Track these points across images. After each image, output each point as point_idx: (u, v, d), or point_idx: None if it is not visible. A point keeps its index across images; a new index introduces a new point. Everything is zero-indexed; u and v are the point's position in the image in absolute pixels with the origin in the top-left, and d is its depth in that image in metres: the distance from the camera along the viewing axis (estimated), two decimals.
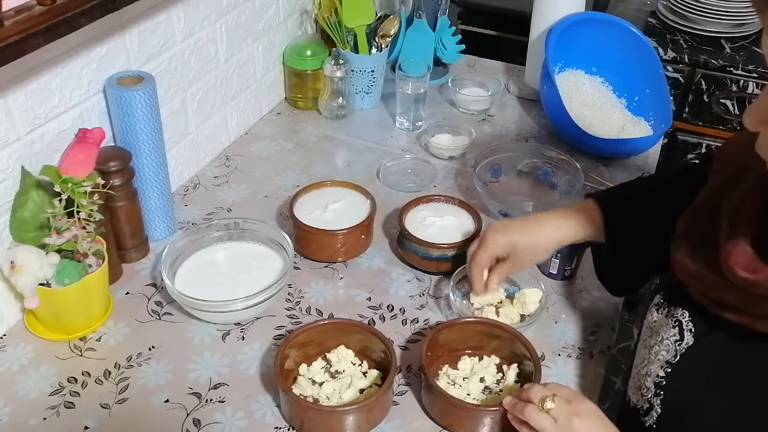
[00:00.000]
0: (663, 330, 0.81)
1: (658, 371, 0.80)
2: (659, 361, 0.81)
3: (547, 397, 0.82)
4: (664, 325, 0.81)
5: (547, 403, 0.81)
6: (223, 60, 1.36)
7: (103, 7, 0.91)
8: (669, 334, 0.80)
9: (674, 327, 0.80)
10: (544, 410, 0.81)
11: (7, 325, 1.03)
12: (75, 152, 0.99)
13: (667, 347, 0.80)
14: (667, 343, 0.80)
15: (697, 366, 0.77)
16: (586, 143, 1.44)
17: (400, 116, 1.54)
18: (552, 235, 1.03)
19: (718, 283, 0.73)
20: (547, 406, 0.81)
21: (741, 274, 0.70)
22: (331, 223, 1.16)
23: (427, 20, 1.62)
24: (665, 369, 0.79)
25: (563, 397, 0.82)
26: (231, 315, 1.04)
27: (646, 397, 0.82)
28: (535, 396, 0.83)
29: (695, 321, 0.78)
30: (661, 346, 0.81)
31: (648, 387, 0.81)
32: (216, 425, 0.92)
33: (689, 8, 2.00)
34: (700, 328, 0.77)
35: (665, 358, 0.80)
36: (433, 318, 1.09)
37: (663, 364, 0.80)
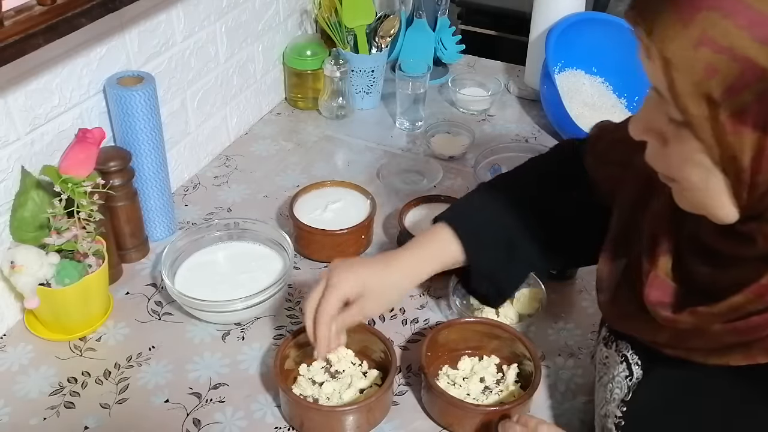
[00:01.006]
0: (612, 366, 0.78)
1: (616, 411, 0.77)
2: (615, 400, 0.77)
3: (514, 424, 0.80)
4: (612, 361, 0.79)
5: None
6: (223, 60, 1.36)
7: (103, 7, 0.92)
8: (619, 371, 0.77)
9: (621, 362, 0.77)
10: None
11: (7, 325, 1.03)
12: (75, 152, 0.99)
13: (620, 384, 0.77)
14: (619, 380, 0.77)
15: (650, 399, 0.74)
16: None
17: (400, 116, 1.54)
18: (404, 272, 0.92)
19: (647, 323, 0.71)
20: None
21: (663, 314, 0.68)
22: (331, 223, 1.16)
23: (427, 20, 1.62)
24: (621, 408, 0.76)
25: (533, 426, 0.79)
26: (231, 315, 1.04)
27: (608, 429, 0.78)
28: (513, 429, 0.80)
29: (639, 354, 0.75)
30: (614, 384, 0.78)
31: (610, 429, 0.78)
32: (216, 425, 0.92)
33: None
34: (645, 361, 0.75)
35: (620, 397, 0.76)
36: (433, 318, 1.09)
37: (618, 403, 0.77)
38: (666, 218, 0.70)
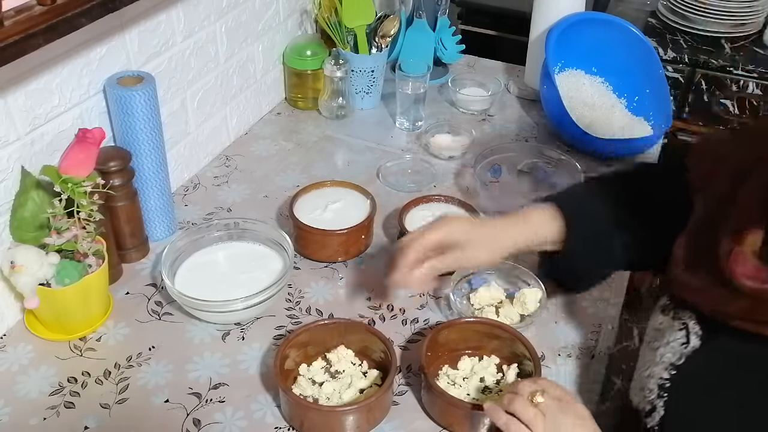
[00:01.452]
0: (669, 333, 0.81)
1: (662, 373, 0.79)
2: (664, 363, 0.80)
3: (537, 392, 0.81)
4: (669, 328, 0.81)
5: (537, 397, 0.81)
6: (223, 60, 1.36)
7: (103, 7, 0.91)
8: (675, 337, 0.79)
9: (680, 330, 0.79)
10: (533, 404, 0.81)
11: (7, 325, 1.03)
12: (75, 152, 0.99)
13: (673, 350, 0.79)
14: (673, 346, 0.79)
15: (702, 369, 0.76)
16: (586, 143, 1.44)
17: (400, 116, 1.54)
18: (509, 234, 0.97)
19: (723, 296, 0.73)
20: (537, 399, 0.81)
21: (748, 284, 0.70)
22: (331, 223, 1.16)
23: (427, 20, 1.62)
24: (670, 371, 0.79)
25: (554, 395, 0.82)
26: (231, 315, 1.04)
27: (649, 398, 0.81)
28: (525, 390, 0.82)
29: (702, 325, 0.78)
30: (666, 349, 0.80)
31: (651, 389, 0.80)
32: (216, 425, 0.92)
33: (689, 8, 2.00)
34: (707, 331, 0.77)
35: (670, 361, 0.79)
36: (433, 318, 1.09)
37: (667, 366, 0.79)
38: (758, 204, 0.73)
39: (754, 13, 1.99)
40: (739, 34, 2.01)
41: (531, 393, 0.81)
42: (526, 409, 0.81)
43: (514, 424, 0.81)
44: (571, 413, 0.80)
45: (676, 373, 0.78)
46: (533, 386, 0.82)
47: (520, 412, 0.81)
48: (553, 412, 0.80)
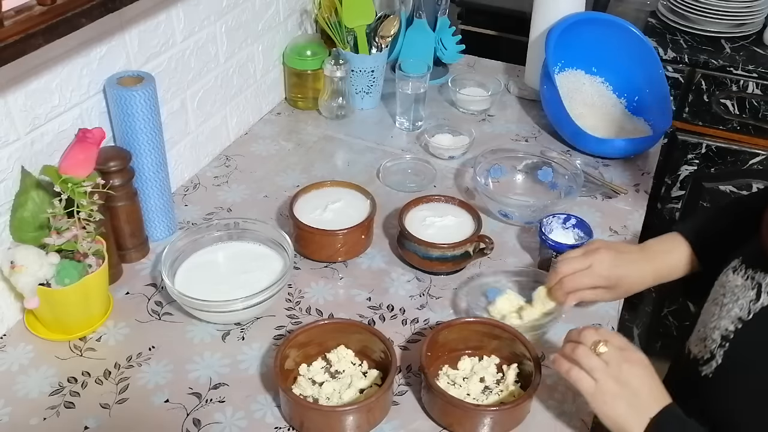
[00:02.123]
0: (740, 290, 0.85)
1: (728, 325, 0.85)
2: (731, 317, 0.85)
3: (600, 342, 0.83)
4: (741, 286, 0.86)
5: (600, 347, 0.83)
6: (223, 60, 1.36)
7: (103, 7, 0.91)
8: (746, 295, 0.84)
9: (753, 289, 0.84)
10: (596, 353, 0.83)
11: (7, 325, 1.03)
12: (75, 152, 0.99)
13: (742, 306, 0.84)
14: (742, 303, 0.84)
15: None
16: (586, 143, 1.44)
17: (400, 116, 1.54)
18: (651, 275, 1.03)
19: None
20: (600, 349, 0.83)
21: None
22: (331, 223, 1.16)
23: (427, 20, 1.62)
24: (736, 324, 0.84)
25: (616, 344, 0.84)
26: (231, 315, 1.04)
27: (710, 348, 0.86)
28: (588, 339, 0.84)
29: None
30: (735, 305, 0.85)
31: (714, 339, 0.86)
32: (216, 425, 0.92)
33: (689, 8, 2.00)
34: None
35: (738, 315, 0.84)
36: (433, 318, 1.09)
37: (734, 319, 0.84)
38: None
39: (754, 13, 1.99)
40: (739, 34, 2.00)
41: (594, 343, 0.83)
42: (589, 358, 0.83)
43: (575, 371, 0.84)
44: (635, 363, 0.83)
45: (741, 327, 0.83)
46: (596, 336, 0.84)
47: (583, 361, 0.84)
48: (617, 362, 0.82)
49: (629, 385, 0.82)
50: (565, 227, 1.19)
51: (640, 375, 0.82)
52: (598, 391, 0.83)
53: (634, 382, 0.82)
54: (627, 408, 0.81)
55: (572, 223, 1.19)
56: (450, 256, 1.13)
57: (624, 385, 0.82)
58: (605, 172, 1.42)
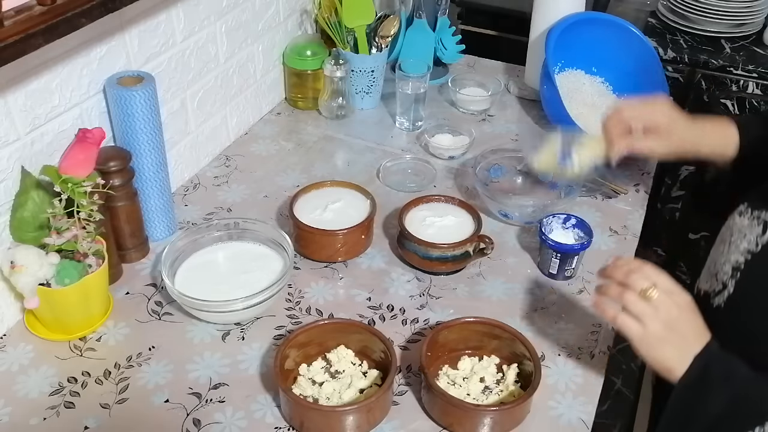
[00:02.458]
0: (746, 229, 0.91)
1: (738, 257, 0.90)
2: (740, 250, 0.90)
3: (649, 288, 0.83)
4: (748, 225, 0.91)
5: (650, 293, 0.82)
6: (223, 60, 1.36)
7: (103, 7, 0.91)
8: (753, 231, 0.90)
9: (759, 225, 0.89)
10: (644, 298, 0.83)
11: (7, 325, 1.03)
12: (75, 152, 0.99)
13: (750, 240, 0.90)
14: (750, 238, 0.90)
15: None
16: None
17: (400, 116, 1.54)
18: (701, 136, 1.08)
19: None
20: (651, 295, 0.82)
21: None
22: (331, 223, 1.16)
23: (427, 20, 1.62)
24: (745, 256, 0.89)
25: (664, 288, 0.84)
26: (231, 315, 1.04)
27: (721, 279, 0.91)
28: (637, 284, 0.84)
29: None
30: (743, 240, 0.91)
31: (725, 271, 0.91)
32: (216, 425, 0.92)
33: (689, 8, 2.00)
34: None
35: (746, 248, 0.90)
36: (433, 318, 1.09)
37: (744, 252, 0.90)
38: None
39: (754, 13, 1.99)
40: (739, 34, 2.01)
41: (643, 288, 0.83)
42: (638, 304, 0.83)
43: (622, 317, 0.84)
44: (683, 307, 0.84)
45: (750, 258, 0.88)
46: (645, 281, 0.84)
47: (631, 307, 0.83)
48: (667, 308, 0.82)
49: (677, 329, 0.83)
50: (565, 227, 1.19)
51: (688, 319, 0.84)
52: (645, 336, 0.83)
53: (682, 327, 0.83)
54: (673, 350, 0.83)
55: (572, 223, 1.19)
56: (450, 256, 1.13)
57: (672, 329, 0.83)
58: (605, 171, 1.41)
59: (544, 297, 1.13)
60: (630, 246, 1.24)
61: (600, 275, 0.89)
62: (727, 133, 1.07)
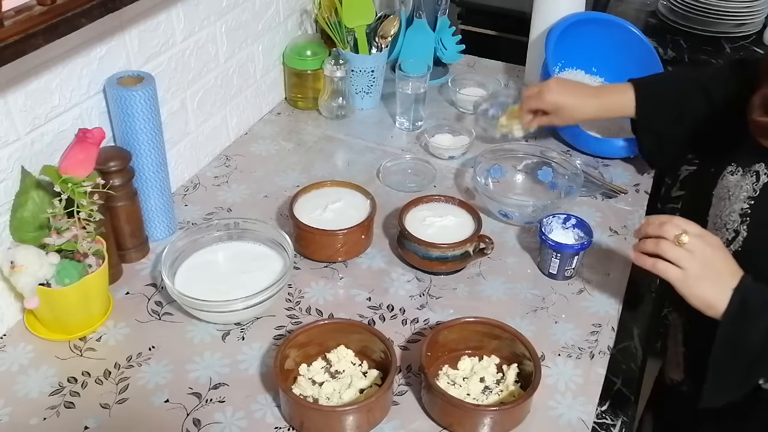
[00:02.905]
0: (741, 181, 0.97)
1: (742, 205, 0.96)
2: (740, 199, 0.97)
3: (680, 234, 0.90)
4: (740, 178, 0.98)
5: (683, 237, 0.89)
6: (223, 60, 1.36)
7: (103, 7, 0.92)
8: (747, 182, 0.96)
9: (752, 176, 0.96)
10: (678, 243, 0.90)
11: (7, 325, 1.03)
12: (75, 152, 0.99)
13: (746, 189, 0.96)
14: (746, 187, 0.96)
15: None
16: (586, 143, 1.44)
17: (400, 116, 1.54)
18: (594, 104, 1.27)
19: None
20: (683, 239, 0.89)
21: None
22: (331, 223, 1.16)
23: (427, 20, 1.62)
24: (748, 202, 0.96)
25: (694, 233, 0.90)
26: (231, 315, 1.04)
27: (732, 227, 0.97)
28: (669, 233, 0.91)
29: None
30: (740, 191, 0.97)
31: (733, 220, 0.97)
32: (216, 425, 0.92)
33: (689, 8, 2.00)
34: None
35: (747, 195, 0.96)
36: (433, 318, 1.09)
37: (745, 199, 0.96)
38: None
39: (754, 13, 1.99)
40: (739, 34, 2.01)
41: (676, 236, 0.90)
42: (674, 249, 0.90)
43: (661, 264, 0.91)
44: (715, 246, 0.91)
45: (754, 202, 0.95)
46: (676, 229, 0.91)
47: (669, 253, 0.91)
48: (701, 249, 0.89)
49: (713, 267, 0.90)
50: (565, 227, 1.19)
51: (721, 257, 0.90)
52: (685, 277, 0.90)
53: (717, 264, 0.90)
54: (712, 287, 0.89)
55: (572, 223, 1.19)
56: (450, 256, 1.13)
57: (708, 268, 0.89)
58: (605, 172, 1.42)
59: (544, 297, 1.13)
60: (630, 246, 1.24)
61: (636, 235, 0.97)
62: (623, 96, 1.25)
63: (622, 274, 1.18)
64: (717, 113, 1.17)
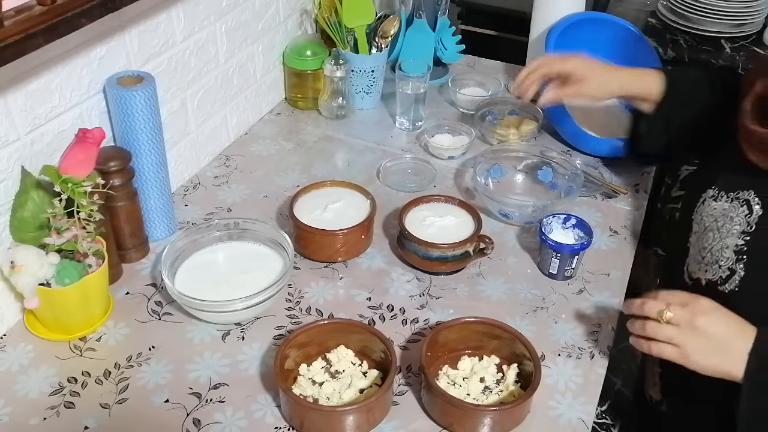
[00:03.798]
0: (730, 211, 0.93)
1: (736, 241, 0.92)
2: (734, 234, 0.92)
3: (663, 309, 0.86)
4: (729, 208, 0.94)
5: (665, 314, 0.85)
6: (223, 60, 1.36)
7: (103, 7, 0.91)
8: (738, 213, 0.92)
9: (742, 206, 0.92)
10: (664, 322, 0.86)
11: (7, 325, 1.03)
12: (75, 152, 0.99)
13: (739, 222, 0.92)
14: (738, 220, 0.92)
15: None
16: (585, 143, 1.44)
17: (400, 116, 1.54)
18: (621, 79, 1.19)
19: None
20: (666, 316, 0.85)
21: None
22: (331, 223, 1.16)
23: (427, 20, 1.62)
24: (743, 238, 0.91)
25: (678, 303, 0.86)
26: (231, 315, 1.04)
27: (725, 265, 0.92)
28: (651, 312, 0.87)
29: (760, 194, 0.91)
30: (732, 223, 0.92)
31: (727, 257, 0.92)
32: (216, 425, 0.92)
33: (689, 8, 2.00)
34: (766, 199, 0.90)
35: (740, 230, 0.91)
36: (433, 318, 1.09)
37: (739, 234, 0.91)
38: None
39: (754, 13, 1.99)
40: (739, 34, 2.01)
41: (659, 313, 0.86)
42: (660, 328, 0.86)
43: (656, 345, 0.87)
44: (705, 311, 0.85)
45: (749, 238, 0.90)
46: (657, 305, 0.87)
47: (657, 334, 0.87)
48: (687, 320, 0.85)
49: (710, 334, 0.84)
50: (565, 227, 1.19)
51: (715, 321, 0.85)
52: (685, 354, 0.85)
53: (714, 330, 0.84)
54: (720, 356, 0.84)
55: (572, 223, 1.19)
56: (450, 256, 1.13)
57: (706, 337, 0.84)
58: (605, 172, 1.42)
59: (544, 297, 1.13)
60: (630, 246, 1.25)
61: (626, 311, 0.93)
62: (651, 78, 1.17)
63: (622, 274, 1.18)
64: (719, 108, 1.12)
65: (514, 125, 1.49)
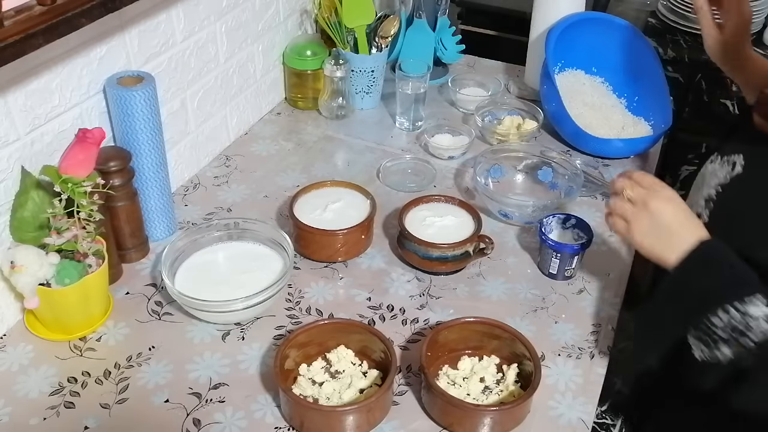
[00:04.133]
0: (717, 170, 0.99)
1: (710, 191, 0.98)
2: (712, 185, 0.98)
3: (626, 186, 0.92)
4: (718, 167, 0.99)
5: (626, 191, 0.92)
6: (223, 60, 1.36)
7: (103, 7, 0.91)
8: (723, 170, 0.98)
9: (728, 165, 0.97)
10: (625, 198, 0.92)
11: (7, 325, 1.03)
12: (75, 152, 0.99)
13: (720, 177, 0.97)
14: (721, 175, 0.98)
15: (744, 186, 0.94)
16: (585, 143, 1.44)
17: (400, 116, 1.54)
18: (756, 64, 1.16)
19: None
20: (626, 194, 0.92)
21: None
22: (331, 223, 1.16)
23: (427, 20, 1.62)
24: (716, 189, 0.97)
25: (644, 184, 0.92)
26: (231, 315, 1.04)
27: (696, 211, 0.97)
28: (619, 188, 0.93)
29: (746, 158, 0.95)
30: (714, 177, 0.98)
31: (700, 204, 0.99)
32: (216, 425, 0.92)
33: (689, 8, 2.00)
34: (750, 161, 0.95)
35: (718, 183, 0.97)
36: (433, 318, 1.09)
37: (715, 186, 0.98)
38: None
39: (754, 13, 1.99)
40: None
41: (623, 189, 0.92)
42: (618, 203, 0.93)
43: (611, 218, 0.95)
44: (662, 199, 0.90)
45: (721, 190, 0.96)
46: (624, 182, 0.93)
47: (614, 208, 0.94)
48: (642, 200, 0.90)
49: (657, 218, 0.89)
50: (565, 227, 1.19)
51: (668, 209, 0.89)
52: (630, 229, 0.91)
53: (663, 215, 0.89)
54: (658, 239, 0.89)
55: (572, 223, 1.19)
56: (450, 256, 1.13)
57: (653, 219, 0.89)
58: (605, 172, 1.42)
59: (544, 297, 1.13)
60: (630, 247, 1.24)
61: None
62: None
63: (622, 274, 1.18)
64: None
65: (514, 125, 1.49)
